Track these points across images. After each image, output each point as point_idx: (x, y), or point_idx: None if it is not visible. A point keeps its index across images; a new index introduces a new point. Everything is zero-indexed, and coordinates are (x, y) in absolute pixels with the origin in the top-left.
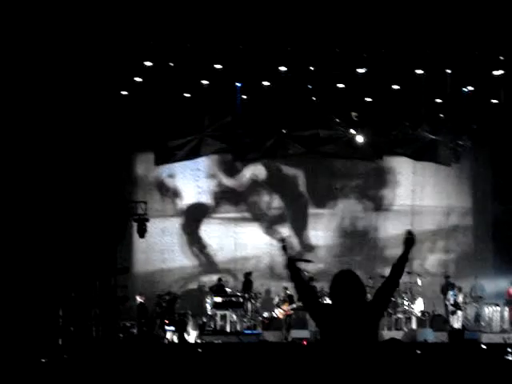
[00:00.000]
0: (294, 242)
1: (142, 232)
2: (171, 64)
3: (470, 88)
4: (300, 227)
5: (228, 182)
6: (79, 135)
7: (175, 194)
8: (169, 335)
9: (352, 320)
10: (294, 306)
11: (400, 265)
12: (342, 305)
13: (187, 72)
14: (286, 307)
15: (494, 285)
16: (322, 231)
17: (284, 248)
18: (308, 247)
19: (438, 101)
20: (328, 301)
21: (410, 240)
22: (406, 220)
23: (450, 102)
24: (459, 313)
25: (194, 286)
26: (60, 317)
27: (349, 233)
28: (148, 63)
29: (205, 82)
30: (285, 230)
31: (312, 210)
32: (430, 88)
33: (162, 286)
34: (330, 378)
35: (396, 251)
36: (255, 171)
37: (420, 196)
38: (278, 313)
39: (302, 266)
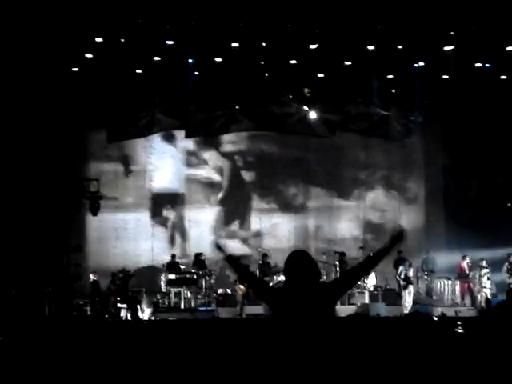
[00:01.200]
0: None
1: (95, 210)
2: (122, 40)
3: (421, 63)
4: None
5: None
6: (31, 113)
7: (128, 171)
8: (122, 313)
9: (306, 300)
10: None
11: (379, 257)
12: (296, 284)
13: (139, 48)
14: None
15: (446, 259)
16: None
17: (218, 248)
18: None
19: (390, 76)
20: (282, 277)
21: (398, 236)
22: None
23: (401, 77)
24: (410, 287)
25: (147, 263)
26: (13, 295)
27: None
28: (99, 39)
29: (157, 58)
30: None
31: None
32: (382, 64)
33: (116, 264)
34: (283, 355)
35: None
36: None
37: (372, 171)
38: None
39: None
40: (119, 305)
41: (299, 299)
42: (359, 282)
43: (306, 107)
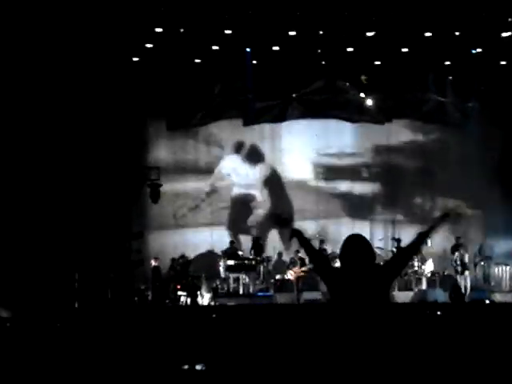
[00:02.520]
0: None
1: (155, 197)
2: (181, 30)
3: (479, 50)
4: None
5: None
6: (93, 102)
7: (189, 160)
8: (182, 299)
9: (362, 283)
10: (305, 268)
11: (425, 235)
12: (352, 268)
13: (197, 38)
14: (297, 269)
15: (504, 245)
16: None
17: (280, 223)
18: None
19: (447, 63)
20: (338, 264)
21: (445, 217)
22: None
23: (458, 63)
24: (466, 272)
25: (207, 249)
26: (76, 280)
27: None
28: (159, 29)
29: (215, 47)
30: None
31: None
32: (439, 50)
33: (176, 250)
34: (341, 339)
35: None
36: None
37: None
38: (290, 275)
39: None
40: (179, 292)
41: (355, 281)
42: (416, 268)
43: (362, 94)
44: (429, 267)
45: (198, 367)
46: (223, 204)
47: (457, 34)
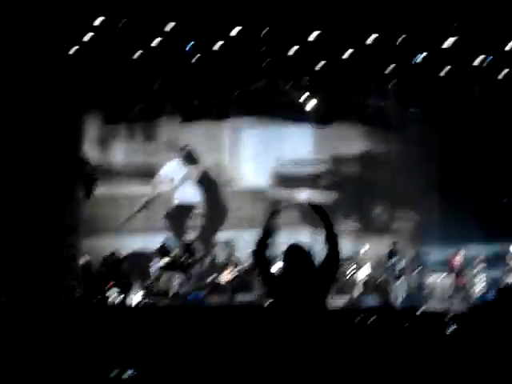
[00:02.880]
0: None
1: (89, 192)
2: (121, 23)
3: (421, 56)
4: None
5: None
6: (27, 94)
7: (124, 154)
8: (112, 297)
9: (301, 290)
10: (239, 268)
11: (328, 234)
12: (293, 277)
13: (139, 30)
14: (230, 270)
15: (440, 253)
16: None
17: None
18: None
19: (389, 68)
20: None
21: (316, 208)
22: None
23: (400, 69)
24: (402, 279)
25: (139, 247)
26: (5, 273)
27: None
28: (97, 21)
29: (156, 41)
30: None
31: None
32: (382, 55)
33: (108, 247)
34: (276, 343)
35: None
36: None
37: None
38: (224, 276)
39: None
40: (111, 290)
41: (296, 289)
42: (353, 273)
43: (304, 96)
44: (364, 272)
45: (129, 373)
46: (162, 210)
47: (400, 39)
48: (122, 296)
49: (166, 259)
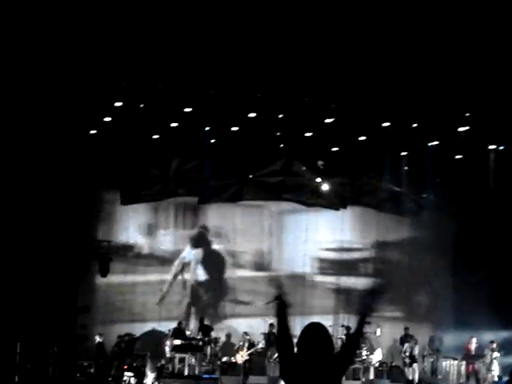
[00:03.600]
0: None
1: (105, 271)
2: (141, 105)
3: (435, 142)
4: None
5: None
6: (48, 174)
7: (140, 234)
8: (126, 377)
9: (316, 372)
10: (253, 350)
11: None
12: (308, 356)
13: (157, 114)
14: (244, 352)
15: (454, 338)
16: None
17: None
18: None
19: (403, 153)
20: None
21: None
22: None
23: (414, 155)
24: (415, 365)
25: (154, 328)
26: (17, 353)
27: None
28: (118, 104)
29: (174, 124)
30: None
31: None
32: (396, 140)
33: (122, 327)
34: None
35: None
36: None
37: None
38: (237, 357)
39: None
40: (126, 373)
41: (310, 369)
42: (365, 357)
43: (319, 179)
44: (377, 357)
45: None
46: (179, 297)
47: (414, 125)
48: (137, 379)
49: (180, 340)
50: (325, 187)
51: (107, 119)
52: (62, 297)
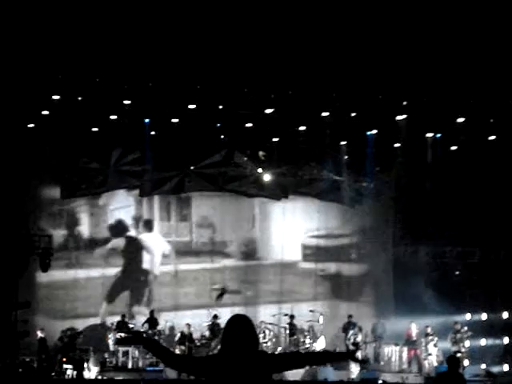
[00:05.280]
0: None
1: (45, 266)
2: (79, 98)
3: (374, 131)
4: None
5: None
6: None
7: (80, 227)
8: (69, 371)
9: (241, 370)
10: (194, 344)
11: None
12: (231, 352)
13: (96, 107)
14: (184, 346)
15: (395, 325)
16: None
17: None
18: None
19: (343, 143)
20: None
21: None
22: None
23: (353, 144)
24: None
25: (97, 321)
26: None
27: None
28: (56, 97)
29: (113, 117)
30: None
31: None
32: (335, 130)
33: (65, 322)
34: None
35: None
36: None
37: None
38: (178, 351)
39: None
40: (65, 365)
41: (234, 368)
42: (308, 346)
43: (260, 170)
44: (320, 345)
45: None
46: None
47: (353, 115)
48: (77, 371)
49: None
50: (266, 178)
51: (45, 112)
52: (2, 292)
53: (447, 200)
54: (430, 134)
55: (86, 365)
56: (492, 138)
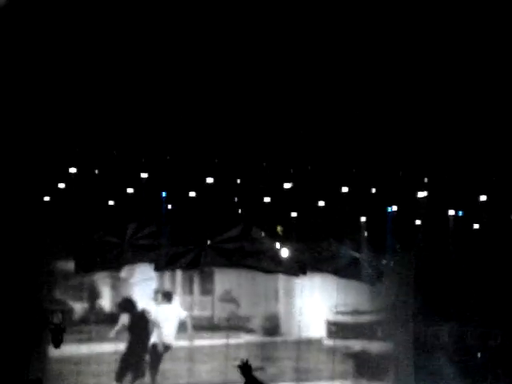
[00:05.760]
0: None
1: (58, 342)
2: (96, 171)
3: (394, 208)
4: None
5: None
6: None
7: (101, 300)
8: None
9: None
10: None
11: None
12: None
13: (113, 180)
14: None
15: None
16: None
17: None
18: None
19: (362, 219)
20: None
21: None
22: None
23: (373, 220)
24: None
25: None
26: None
27: None
28: (73, 170)
29: (130, 190)
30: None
31: None
32: (355, 206)
33: None
34: None
35: None
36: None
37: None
38: None
39: None
40: None
41: None
42: None
43: (278, 245)
44: None
45: None
46: None
47: (373, 191)
48: None
49: None
50: (284, 253)
51: (61, 185)
52: (13, 369)
53: (469, 279)
54: (451, 212)
55: None
56: None
